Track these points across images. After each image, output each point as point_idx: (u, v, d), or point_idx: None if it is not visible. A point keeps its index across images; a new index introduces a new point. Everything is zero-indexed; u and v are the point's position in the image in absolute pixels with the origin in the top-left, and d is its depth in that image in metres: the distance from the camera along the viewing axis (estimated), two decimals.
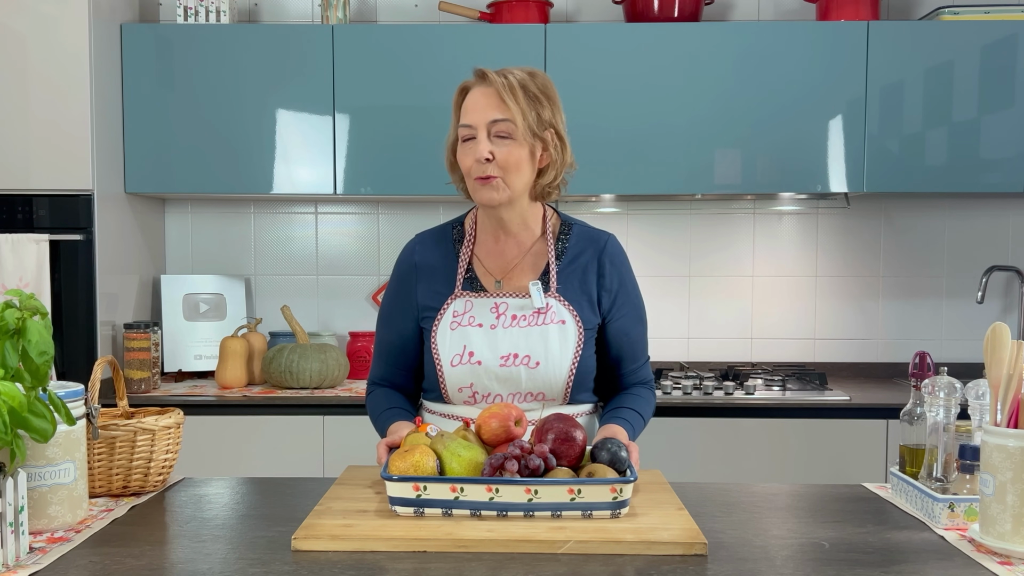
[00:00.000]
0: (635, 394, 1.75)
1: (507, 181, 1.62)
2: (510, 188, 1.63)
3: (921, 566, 1.24)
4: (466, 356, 1.66)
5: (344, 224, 3.46)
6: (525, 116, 1.60)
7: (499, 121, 1.60)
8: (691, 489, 1.62)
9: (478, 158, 1.61)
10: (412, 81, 3.04)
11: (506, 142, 1.61)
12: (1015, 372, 1.29)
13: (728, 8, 3.37)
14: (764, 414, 2.85)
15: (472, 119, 1.62)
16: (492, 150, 1.61)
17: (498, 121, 1.60)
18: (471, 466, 1.41)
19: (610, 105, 3.02)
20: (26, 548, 1.25)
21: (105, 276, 2.94)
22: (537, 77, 1.65)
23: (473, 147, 1.62)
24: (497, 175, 1.61)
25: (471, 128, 1.62)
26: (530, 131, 1.61)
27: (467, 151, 1.64)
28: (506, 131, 1.61)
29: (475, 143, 1.62)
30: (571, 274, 1.72)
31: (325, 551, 1.28)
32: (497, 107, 1.61)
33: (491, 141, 1.61)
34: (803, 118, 3.02)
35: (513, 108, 1.60)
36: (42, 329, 1.25)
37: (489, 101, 1.61)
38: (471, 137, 1.63)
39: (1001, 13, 3.02)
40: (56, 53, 2.82)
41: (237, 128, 3.05)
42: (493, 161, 1.61)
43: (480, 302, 1.69)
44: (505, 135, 1.61)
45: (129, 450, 1.55)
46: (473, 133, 1.62)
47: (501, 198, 1.64)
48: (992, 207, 3.40)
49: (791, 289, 3.43)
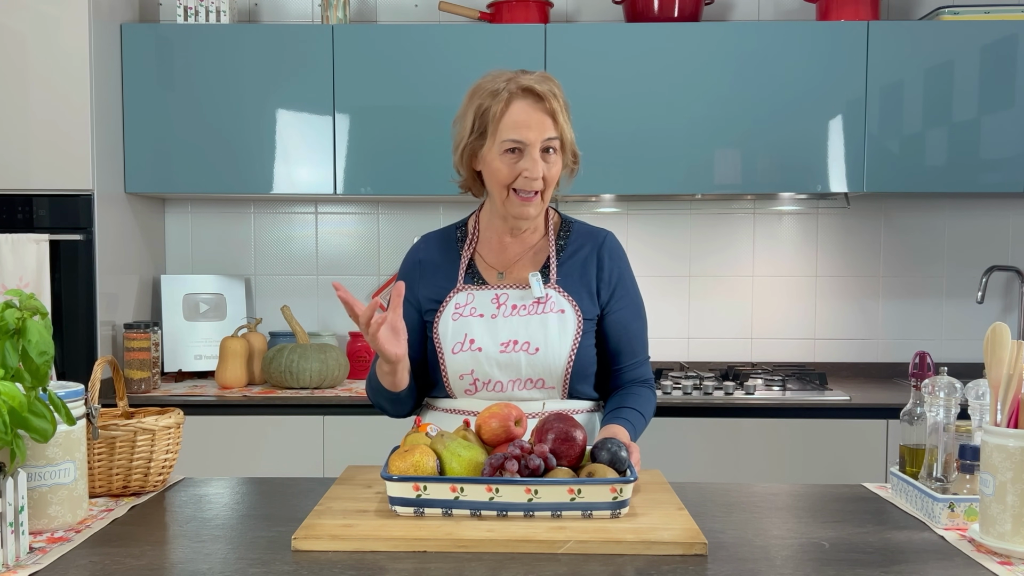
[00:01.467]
0: (635, 393, 1.76)
1: (544, 196, 1.68)
2: (544, 202, 1.69)
3: (921, 566, 1.24)
4: (467, 343, 1.69)
5: (344, 224, 3.46)
6: (568, 129, 1.67)
7: (551, 139, 1.64)
8: (691, 489, 1.62)
9: (534, 176, 1.63)
10: (412, 81, 3.04)
11: (552, 157, 1.66)
12: (1015, 372, 1.29)
13: (728, 8, 3.37)
14: (764, 414, 2.85)
15: (527, 136, 1.63)
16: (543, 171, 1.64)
17: (551, 139, 1.64)
18: (471, 466, 1.41)
19: (610, 105, 3.02)
20: (26, 548, 1.25)
21: (105, 276, 2.94)
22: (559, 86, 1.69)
23: (522, 162, 1.64)
24: (540, 190, 1.66)
25: (523, 144, 1.63)
26: (572, 148, 1.69)
27: (512, 164, 1.65)
28: (553, 148, 1.65)
29: (525, 159, 1.63)
30: (571, 267, 1.75)
31: (325, 551, 1.28)
32: (550, 125, 1.64)
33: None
34: (803, 118, 3.02)
35: (564, 125, 1.66)
36: (42, 329, 1.25)
37: (542, 118, 1.64)
38: (515, 149, 1.64)
39: (1001, 13, 3.02)
40: (56, 53, 2.82)
41: (237, 128, 3.05)
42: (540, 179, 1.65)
43: (481, 294, 1.73)
44: (552, 153, 1.66)
45: (129, 450, 1.55)
46: (523, 147, 1.64)
47: (536, 213, 1.69)
48: (992, 207, 3.40)
49: (791, 289, 3.43)
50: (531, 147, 1.63)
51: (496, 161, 1.66)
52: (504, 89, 1.64)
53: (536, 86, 1.64)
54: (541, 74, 1.68)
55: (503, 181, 1.66)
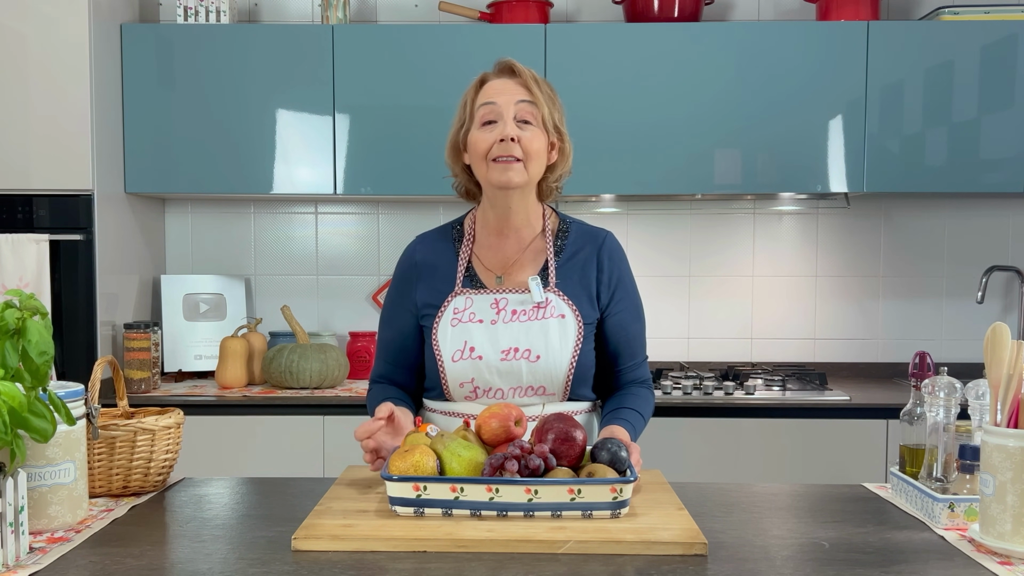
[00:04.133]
0: (634, 394, 1.76)
1: (527, 166, 1.65)
2: (528, 173, 1.66)
3: (921, 566, 1.24)
4: (467, 351, 1.67)
5: (344, 224, 3.46)
6: (548, 106, 1.66)
7: (524, 102, 1.64)
8: (691, 489, 1.62)
9: (504, 136, 1.62)
10: (412, 81, 3.04)
11: (529, 127, 1.65)
12: (1015, 372, 1.29)
13: (728, 8, 3.37)
14: (764, 414, 2.85)
15: (499, 99, 1.64)
16: (518, 134, 1.63)
17: (523, 102, 1.64)
18: (471, 466, 1.41)
19: (610, 105, 3.02)
20: (26, 548, 1.25)
21: (105, 276, 2.94)
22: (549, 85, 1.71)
23: (496, 128, 1.64)
24: (520, 157, 1.63)
25: (495, 106, 1.64)
26: (551, 121, 1.67)
27: (488, 132, 1.64)
28: (530, 115, 1.64)
29: (499, 125, 1.63)
30: (570, 270, 1.73)
31: (325, 551, 1.28)
32: (524, 93, 1.65)
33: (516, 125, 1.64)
34: (803, 118, 3.02)
35: (539, 95, 1.65)
36: (42, 329, 1.25)
37: (515, 87, 1.66)
38: (491, 121, 1.64)
39: (1001, 13, 3.02)
40: (56, 53, 2.82)
41: (237, 128, 3.05)
42: (516, 143, 1.63)
43: (480, 298, 1.71)
44: (529, 120, 1.64)
45: (129, 450, 1.55)
46: (497, 114, 1.64)
47: (519, 180, 1.65)
48: (992, 207, 3.40)
49: (791, 289, 3.43)
50: (503, 109, 1.63)
51: (475, 135, 1.66)
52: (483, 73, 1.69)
53: (512, 64, 1.67)
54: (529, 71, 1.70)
55: (482, 152, 1.65)
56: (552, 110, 1.67)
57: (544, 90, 1.67)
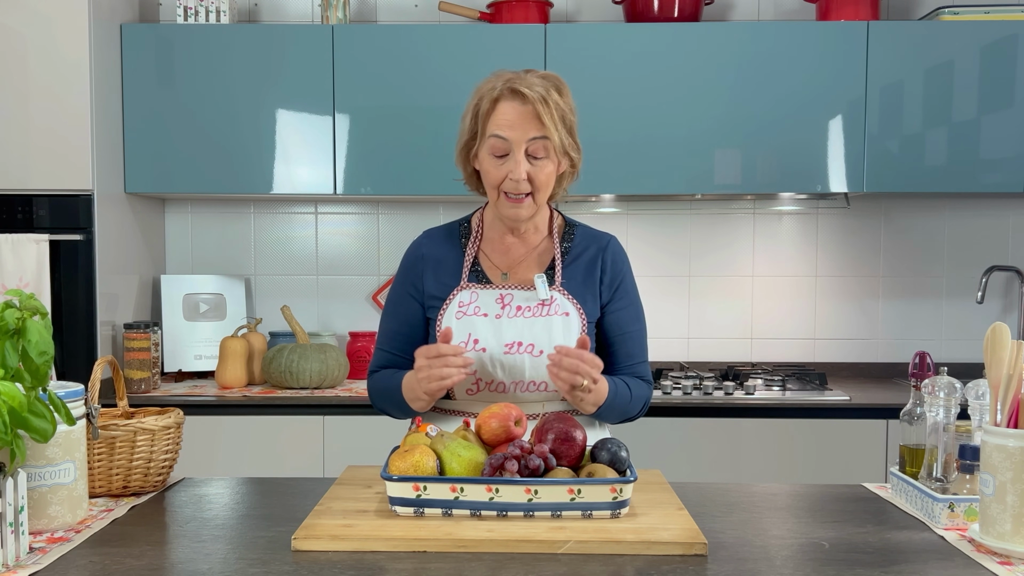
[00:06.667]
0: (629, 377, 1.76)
1: (535, 198, 1.67)
2: (536, 204, 1.68)
3: (921, 566, 1.24)
4: (471, 343, 1.68)
5: (344, 224, 3.46)
6: (560, 136, 1.63)
7: (536, 139, 1.62)
8: (691, 489, 1.62)
9: (517, 178, 1.62)
10: (412, 81, 3.04)
11: (540, 161, 1.64)
12: (1015, 372, 1.29)
13: (728, 8, 3.37)
14: (764, 414, 2.85)
15: (510, 134, 1.62)
16: (528, 170, 1.63)
17: (535, 139, 1.62)
18: (471, 466, 1.41)
19: (610, 105, 3.02)
20: (26, 548, 1.25)
21: (105, 276, 2.94)
22: (562, 88, 1.67)
23: (507, 164, 1.63)
24: (529, 191, 1.65)
25: (506, 142, 1.63)
26: (563, 150, 1.65)
27: (499, 166, 1.64)
28: (542, 149, 1.63)
29: (510, 160, 1.63)
30: (575, 270, 1.75)
31: (325, 551, 1.28)
32: (535, 126, 1.62)
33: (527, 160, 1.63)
34: (803, 118, 3.02)
35: (550, 127, 1.62)
36: (42, 329, 1.25)
37: (526, 118, 1.62)
38: (505, 153, 1.64)
39: (1001, 13, 3.02)
40: (56, 53, 2.82)
41: (237, 128, 3.05)
42: (526, 179, 1.63)
43: (486, 293, 1.72)
44: (540, 155, 1.64)
45: (129, 450, 1.55)
46: (507, 148, 1.63)
47: (528, 214, 1.69)
48: (992, 207, 3.40)
49: (791, 289, 3.43)
50: (515, 147, 1.62)
51: (486, 162, 1.66)
52: (496, 89, 1.64)
53: (523, 87, 1.61)
54: (542, 75, 1.67)
55: (493, 183, 1.67)
56: (563, 134, 1.64)
57: (555, 112, 1.62)
